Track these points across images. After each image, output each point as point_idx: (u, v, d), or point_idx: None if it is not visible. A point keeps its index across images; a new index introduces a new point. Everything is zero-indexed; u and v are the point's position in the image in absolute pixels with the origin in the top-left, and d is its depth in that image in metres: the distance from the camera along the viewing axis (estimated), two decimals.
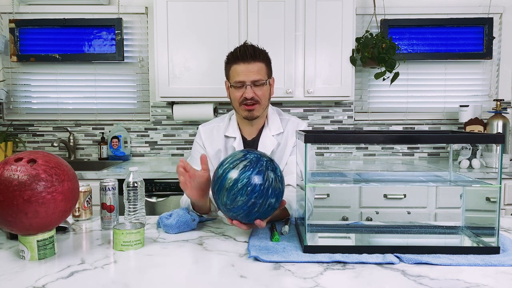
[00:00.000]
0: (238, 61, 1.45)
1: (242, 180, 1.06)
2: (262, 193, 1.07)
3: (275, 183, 1.10)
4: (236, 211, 1.09)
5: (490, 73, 2.93)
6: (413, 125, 2.97)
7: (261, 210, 1.09)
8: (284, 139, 1.57)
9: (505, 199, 2.38)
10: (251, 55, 1.44)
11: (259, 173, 1.07)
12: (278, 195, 1.12)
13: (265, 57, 1.49)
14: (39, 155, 1.02)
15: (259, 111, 1.50)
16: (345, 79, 2.56)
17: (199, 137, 1.62)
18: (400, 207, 2.20)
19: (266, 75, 1.48)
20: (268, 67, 1.51)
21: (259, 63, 1.46)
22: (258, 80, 1.45)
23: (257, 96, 1.46)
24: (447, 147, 2.96)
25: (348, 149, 2.98)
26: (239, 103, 1.48)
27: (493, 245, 1.04)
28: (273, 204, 1.11)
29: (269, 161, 1.12)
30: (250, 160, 1.10)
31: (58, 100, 2.97)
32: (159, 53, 2.55)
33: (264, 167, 1.09)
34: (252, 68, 1.44)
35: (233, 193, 1.07)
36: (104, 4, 2.85)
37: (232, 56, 1.47)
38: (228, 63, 1.50)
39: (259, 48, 1.48)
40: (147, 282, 0.88)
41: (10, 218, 0.96)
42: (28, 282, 0.88)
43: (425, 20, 2.85)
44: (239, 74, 1.45)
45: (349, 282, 0.88)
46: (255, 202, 1.07)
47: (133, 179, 1.24)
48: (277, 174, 1.12)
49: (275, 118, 1.59)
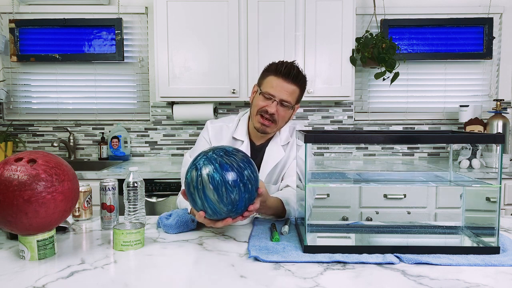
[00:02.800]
0: (279, 75, 1.44)
1: (220, 183, 1.04)
2: (239, 171, 1.06)
3: (236, 156, 1.09)
4: (241, 203, 1.08)
5: (490, 73, 2.93)
6: (413, 125, 2.97)
7: (253, 181, 1.09)
8: (289, 148, 1.57)
9: (505, 199, 2.38)
10: (294, 76, 1.43)
11: (221, 165, 1.06)
12: (248, 160, 1.11)
13: (304, 84, 1.49)
14: (39, 155, 1.02)
15: (272, 130, 1.50)
16: (345, 79, 2.56)
17: (206, 133, 1.60)
18: (400, 207, 2.20)
19: (295, 99, 1.48)
20: (301, 94, 1.50)
21: (296, 86, 1.45)
22: (287, 101, 1.44)
23: (277, 115, 1.45)
24: (447, 147, 2.96)
25: (348, 149, 2.98)
26: (257, 112, 1.47)
27: (493, 245, 1.04)
28: (252, 170, 1.10)
29: (215, 150, 1.11)
30: (204, 166, 1.07)
31: (58, 100, 2.97)
32: (159, 53, 2.55)
33: (219, 157, 1.08)
34: (288, 88, 1.44)
35: (226, 198, 1.06)
36: (104, 4, 2.85)
37: (276, 67, 1.46)
38: (268, 71, 1.48)
39: (302, 73, 1.47)
40: (147, 282, 0.88)
41: (10, 218, 0.96)
42: (28, 282, 0.88)
43: (425, 20, 2.85)
44: (273, 87, 1.44)
45: (349, 282, 0.88)
46: (243, 182, 1.06)
47: (133, 179, 1.24)
48: (230, 150, 1.11)
49: (285, 128, 1.59)
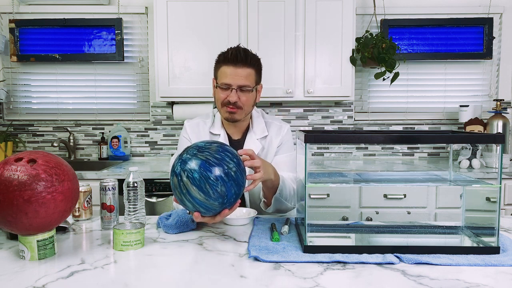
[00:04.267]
0: (228, 63, 1.42)
1: (201, 180, 1.03)
2: (217, 162, 1.04)
3: (209, 150, 1.06)
4: (230, 192, 1.06)
5: (490, 73, 2.93)
6: (413, 125, 2.97)
7: (234, 168, 1.06)
8: (267, 142, 1.56)
9: (505, 199, 2.38)
10: (242, 60, 1.41)
11: (199, 163, 1.04)
12: (224, 148, 1.09)
13: (256, 63, 1.46)
14: (39, 155, 1.02)
15: (241, 116, 1.48)
16: (345, 79, 2.56)
17: (185, 132, 1.60)
18: (400, 207, 2.20)
19: (254, 81, 1.46)
20: (258, 73, 1.48)
21: (249, 68, 1.43)
22: (245, 85, 1.42)
23: (240, 102, 1.43)
24: (447, 147, 2.96)
25: (348, 149, 2.98)
26: (222, 104, 1.46)
27: (493, 245, 1.04)
28: (231, 157, 1.07)
29: (188, 150, 1.09)
30: (181, 168, 1.05)
31: (58, 100, 2.97)
32: (159, 53, 2.55)
33: (192, 156, 1.06)
34: (241, 72, 1.41)
35: (213, 193, 1.03)
36: (104, 4, 2.85)
37: (223, 56, 1.44)
38: (218, 62, 1.47)
39: (251, 53, 1.44)
40: (147, 282, 0.88)
41: (10, 218, 0.96)
42: (28, 282, 0.88)
43: (425, 20, 2.85)
44: (227, 76, 1.42)
45: (349, 282, 0.88)
46: (225, 171, 1.04)
47: (133, 179, 1.24)
48: (201, 146, 1.08)
49: (259, 121, 1.57)
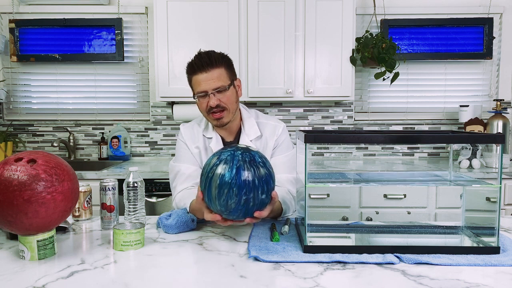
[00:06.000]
0: (196, 71, 1.41)
1: (225, 184, 1.04)
2: (250, 187, 1.04)
3: (258, 170, 1.07)
4: (234, 213, 1.08)
5: (490, 73, 2.93)
6: (413, 125, 2.97)
7: (256, 202, 1.07)
8: (262, 144, 1.54)
9: (505, 199, 2.38)
10: (207, 63, 1.39)
11: (238, 170, 1.04)
12: (268, 180, 1.08)
13: (223, 60, 1.44)
14: (39, 155, 1.02)
15: (228, 117, 1.46)
16: (345, 79, 2.56)
17: (181, 135, 1.60)
18: (400, 207, 2.20)
19: (228, 79, 1.43)
20: (229, 70, 1.46)
21: (218, 69, 1.41)
22: (219, 87, 1.40)
23: (222, 103, 1.42)
24: (447, 147, 2.96)
25: (348, 149, 2.98)
26: (207, 112, 1.44)
27: (493, 245, 1.04)
28: (266, 191, 1.08)
29: (245, 152, 1.09)
30: (225, 160, 1.07)
31: (58, 100, 2.97)
32: (159, 53, 2.55)
33: (241, 161, 1.06)
34: (211, 75, 1.39)
35: (223, 200, 1.05)
36: (104, 4, 2.85)
37: (189, 67, 1.43)
38: (188, 74, 1.46)
39: (214, 54, 1.42)
40: (147, 282, 0.88)
41: (10, 218, 0.96)
42: (28, 282, 0.88)
43: (425, 20, 2.85)
44: (200, 84, 1.41)
45: (349, 282, 0.88)
46: (247, 198, 1.05)
47: (133, 179, 1.24)
48: (258, 161, 1.09)
49: (251, 123, 1.55)
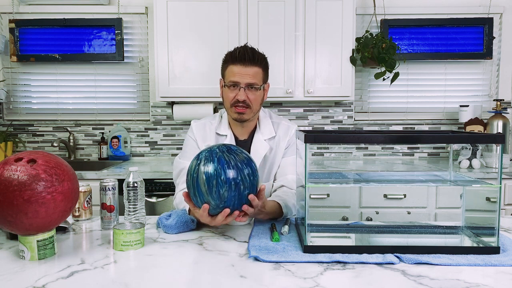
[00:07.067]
0: (235, 62, 1.43)
1: (212, 176, 1.07)
2: (235, 170, 1.08)
3: (238, 156, 1.12)
4: (230, 202, 1.09)
5: (490, 73, 2.93)
6: (413, 125, 2.97)
7: (246, 184, 1.10)
8: (275, 143, 1.56)
9: (505, 199, 2.38)
10: (250, 58, 1.42)
11: (219, 160, 1.09)
12: (249, 163, 1.13)
13: (263, 62, 1.48)
14: (39, 155, 1.02)
15: (249, 115, 1.48)
16: (345, 79, 2.56)
17: (191, 132, 1.60)
18: (400, 207, 2.20)
19: (261, 80, 1.47)
20: (265, 72, 1.49)
21: (257, 67, 1.44)
22: (252, 83, 1.43)
23: (249, 100, 1.44)
24: (447, 147, 2.96)
25: (348, 149, 2.98)
26: (231, 104, 1.47)
27: (493, 245, 1.04)
28: (252, 173, 1.12)
29: (220, 146, 1.15)
30: (204, 158, 1.11)
31: (58, 100, 2.97)
32: (159, 53, 2.55)
33: (220, 152, 1.11)
34: (249, 71, 1.43)
35: (215, 192, 1.07)
36: (104, 4, 2.85)
37: (230, 56, 1.46)
38: (225, 62, 1.48)
39: (258, 52, 1.46)
40: (147, 282, 0.88)
41: (10, 218, 0.96)
42: (28, 282, 0.88)
43: (425, 20, 2.85)
44: (235, 74, 1.43)
45: (349, 282, 0.88)
46: (236, 182, 1.08)
47: (133, 179, 1.24)
48: (234, 149, 1.14)
49: (267, 122, 1.57)
